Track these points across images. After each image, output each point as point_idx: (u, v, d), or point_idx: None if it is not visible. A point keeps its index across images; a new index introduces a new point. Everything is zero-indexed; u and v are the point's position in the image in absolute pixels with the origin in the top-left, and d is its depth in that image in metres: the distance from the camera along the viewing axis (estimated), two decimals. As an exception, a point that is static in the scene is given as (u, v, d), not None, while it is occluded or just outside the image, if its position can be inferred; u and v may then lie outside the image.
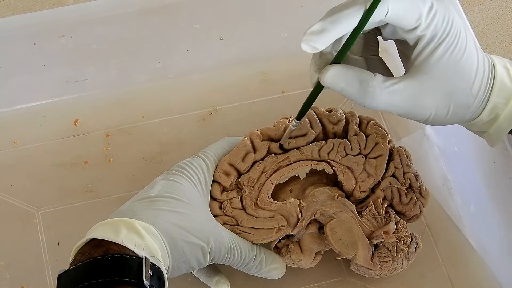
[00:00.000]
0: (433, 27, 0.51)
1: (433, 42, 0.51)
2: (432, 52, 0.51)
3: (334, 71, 0.52)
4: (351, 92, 0.52)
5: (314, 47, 0.50)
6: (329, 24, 0.50)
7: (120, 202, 0.58)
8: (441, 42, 0.51)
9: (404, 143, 0.67)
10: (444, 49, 0.51)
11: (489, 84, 0.54)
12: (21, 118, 0.72)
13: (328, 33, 0.50)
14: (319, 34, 0.50)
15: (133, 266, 0.48)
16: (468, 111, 0.54)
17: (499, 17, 0.83)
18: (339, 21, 0.50)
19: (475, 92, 0.53)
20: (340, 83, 0.52)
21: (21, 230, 0.66)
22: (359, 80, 0.52)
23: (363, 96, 0.52)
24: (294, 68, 0.76)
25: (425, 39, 0.51)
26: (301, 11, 0.76)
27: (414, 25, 0.51)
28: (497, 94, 0.54)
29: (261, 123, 0.65)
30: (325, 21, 0.50)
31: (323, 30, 0.50)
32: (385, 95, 0.52)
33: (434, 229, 0.68)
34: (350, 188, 0.62)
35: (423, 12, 0.50)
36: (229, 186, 0.61)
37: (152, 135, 0.72)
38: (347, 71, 0.52)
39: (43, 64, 0.72)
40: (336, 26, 0.50)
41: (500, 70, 0.54)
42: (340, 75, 0.52)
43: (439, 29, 0.51)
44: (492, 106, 0.54)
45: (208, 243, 0.56)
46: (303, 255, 0.61)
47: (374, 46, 0.57)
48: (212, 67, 0.76)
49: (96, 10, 0.71)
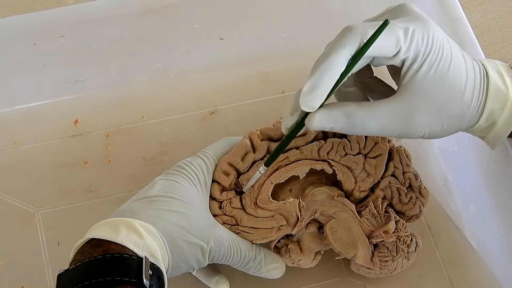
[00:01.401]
0: (414, 47, 0.52)
1: (417, 61, 0.52)
2: (417, 71, 0.52)
3: (319, 115, 0.53)
4: (341, 127, 0.54)
5: (312, 106, 0.52)
6: (316, 80, 0.51)
7: (120, 202, 0.58)
8: (425, 59, 0.52)
9: (404, 143, 0.66)
10: (429, 66, 0.52)
11: (482, 90, 0.54)
12: (21, 118, 0.72)
13: (319, 89, 0.51)
14: (312, 93, 0.51)
15: (133, 265, 0.48)
16: (464, 120, 0.54)
17: (499, 17, 0.83)
18: (325, 75, 0.51)
19: (468, 101, 0.53)
20: (328, 124, 0.53)
21: (21, 230, 0.66)
22: (345, 115, 0.53)
23: (353, 128, 0.53)
24: (294, 68, 0.76)
25: (409, 60, 0.52)
26: (301, 11, 0.76)
27: (395, 51, 0.52)
28: (492, 100, 0.54)
29: (261, 123, 0.65)
30: (312, 79, 0.51)
31: (314, 88, 0.51)
32: (373, 122, 0.53)
33: (434, 229, 0.68)
34: (350, 188, 0.62)
35: (400, 36, 0.51)
36: (229, 185, 0.61)
37: (152, 135, 0.72)
38: (331, 112, 0.53)
39: (43, 64, 0.72)
40: (323, 80, 0.51)
41: (493, 75, 0.54)
42: (326, 117, 0.53)
43: (420, 48, 0.52)
44: (488, 112, 0.54)
45: (207, 242, 0.56)
46: (303, 254, 0.61)
47: (367, 69, 0.58)
48: (212, 67, 0.76)
49: (96, 10, 0.71)
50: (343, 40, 0.51)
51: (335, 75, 0.51)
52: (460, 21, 0.68)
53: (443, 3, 0.70)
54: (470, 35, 0.67)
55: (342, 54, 0.51)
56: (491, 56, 0.57)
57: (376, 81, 0.58)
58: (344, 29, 0.52)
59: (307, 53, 0.75)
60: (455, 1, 0.70)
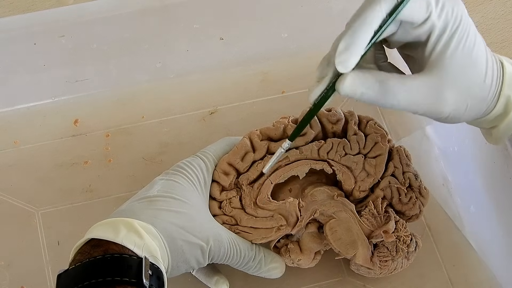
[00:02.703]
0: (444, 17, 0.51)
1: (446, 33, 0.51)
2: (446, 45, 0.51)
3: (352, 77, 0.51)
4: (372, 95, 0.51)
5: (348, 66, 0.50)
6: (351, 38, 0.50)
7: (120, 202, 0.58)
8: (453, 33, 0.51)
9: (404, 143, 0.67)
10: (457, 41, 0.51)
11: (499, 76, 0.53)
12: (21, 118, 0.72)
13: (354, 47, 0.50)
14: (347, 52, 0.50)
15: (133, 265, 0.48)
16: (484, 104, 0.54)
17: (499, 17, 0.83)
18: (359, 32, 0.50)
19: (489, 84, 0.53)
20: (359, 89, 0.51)
21: (21, 230, 0.66)
22: (378, 81, 0.51)
23: (384, 96, 0.52)
24: (294, 68, 0.76)
25: (437, 31, 0.51)
26: (301, 11, 0.76)
27: (425, 15, 0.51)
28: (508, 87, 0.53)
29: (261, 123, 0.65)
30: (346, 36, 0.50)
31: (349, 46, 0.50)
32: (406, 91, 0.51)
33: (434, 229, 0.68)
34: (350, 188, 0.62)
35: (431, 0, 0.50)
36: (228, 185, 0.61)
37: (152, 135, 0.72)
38: (364, 75, 0.51)
39: (43, 64, 0.72)
40: (358, 37, 0.50)
41: (507, 64, 0.54)
42: (358, 81, 0.51)
43: (449, 19, 0.51)
44: (505, 98, 0.54)
45: (207, 242, 0.56)
46: (303, 254, 0.61)
47: (382, 53, 0.57)
48: (212, 67, 0.76)
49: (96, 10, 0.71)
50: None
51: (369, 32, 0.50)
52: (460, 21, 0.68)
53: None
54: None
55: (377, 10, 0.50)
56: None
57: (390, 66, 0.57)
58: None
59: (307, 53, 0.75)
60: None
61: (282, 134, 0.63)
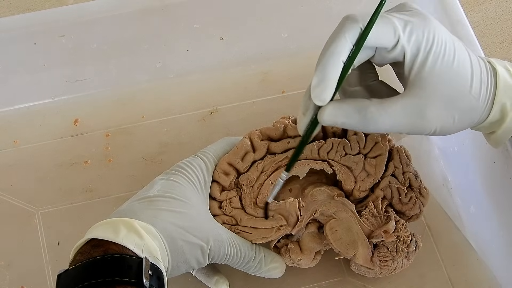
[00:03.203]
0: (414, 40, 0.52)
1: (420, 55, 0.52)
2: (422, 65, 0.52)
3: (331, 109, 0.52)
4: (353, 123, 0.53)
5: (323, 99, 0.51)
6: (322, 72, 0.51)
7: (120, 202, 0.58)
8: (428, 54, 0.52)
9: (404, 143, 0.66)
10: (433, 60, 0.52)
11: (490, 84, 0.54)
12: (21, 118, 0.72)
13: (326, 80, 0.51)
14: (320, 86, 0.51)
15: (133, 266, 0.48)
16: (476, 114, 0.54)
17: (499, 17, 0.83)
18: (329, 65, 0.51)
19: (476, 94, 0.53)
20: (339, 119, 0.53)
21: (21, 230, 0.66)
22: (357, 110, 0.53)
23: (365, 124, 0.53)
24: (294, 68, 0.76)
25: (409, 53, 0.52)
26: (301, 11, 0.76)
27: (394, 41, 0.52)
28: (502, 94, 0.54)
29: (261, 123, 0.65)
30: (317, 72, 0.51)
31: (321, 81, 0.51)
32: (386, 117, 0.53)
33: (434, 229, 0.68)
34: (350, 188, 0.62)
35: (397, 25, 0.51)
36: (229, 185, 0.61)
37: (152, 135, 0.72)
38: (343, 105, 0.53)
39: (43, 64, 0.72)
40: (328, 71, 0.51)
41: (501, 71, 0.54)
42: (337, 111, 0.52)
43: (421, 41, 0.52)
44: (499, 106, 0.54)
45: (207, 242, 0.56)
46: (303, 254, 0.61)
47: (372, 73, 0.58)
48: (212, 67, 0.76)
49: (96, 10, 0.70)
50: (342, 29, 0.51)
51: (339, 64, 0.51)
52: (460, 21, 0.68)
53: (443, 3, 0.70)
54: (470, 35, 0.67)
55: (342, 42, 0.51)
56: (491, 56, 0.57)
57: (381, 84, 0.58)
58: (343, 19, 0.52)
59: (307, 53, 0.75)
60: (455, 1, 0.70)
61: (282, 134, 0.63)
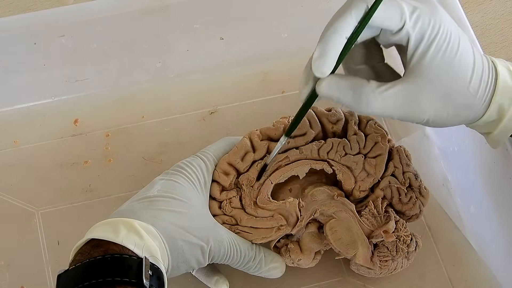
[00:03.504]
0: (419, 26, 0.52)
1: (423, 42, 0.52)
2: (424, 53, 0.52)
3: (328, 81, 0.53)
4: (346, 100, 0.53)
5: (324, 72, 0.52)
6: (324, 45, 0.51)
7: (120, 202, 0.58)
8: (431, 42, 0.52)
9: (404, 143, 0.67)
10: (436, 50, 0.52)
11: (490, 83, 0.54)
12: (21, 118, 0.72)
13: (328, 54, 0.51)
14: (321, 59, 0.51)
15: (133, 266, 0.48)
16: (471, 111, 0.54)
17: (499, 17, 0.83)
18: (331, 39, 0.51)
19: (474, 91, 0.53)
20: (335, 93, 0.53)
21: (21, 230, 0.66)
22: (352, 88, 0.53)
23: (358, 103, 0.53)
24: (294, 68, 0.75)
25: (413, 40, 0.52)
26: (301, 11, 0.76)
27: (399, 24, 0.52)
28: (501, 95, 0.54)
29: (261, 123, 0.65)
30: (320, 44, 0.52)
31: (322, 54, 0.51)
32: (379, 101, 0.53)
33: (434, 229, 0.68)
34: (350, 188, 0.62)
35: (404, 9, 0.51)
36: (229, 185, 0.61)
37: (152, 135, 0.72)
38: (340, 80, 0.53)
39: (43, 64, 0.72)
40: (331, 45, 0.51)
41: (502, 71, 0.54)
42: (334, 85, 0.53)
43: (426, 29, 0.52)
44: (496, 106, 0.54)
45: (207, 242, 0.56)
46: (303, 254, 0.61)
47: (378, 54, 0.58)
48: (212, 67, 0.76)
49: (96, 10, 0.70)
50: (350, 6, 0.51)
51: (341, 39, 0.51)
52: (460, 21, 0.68)
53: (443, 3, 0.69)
54: (470, 35, 0.67)
55: (348, 19, 0.51)
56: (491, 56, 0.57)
57: (386, 67, 0.58)
58: None
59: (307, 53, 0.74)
60: (455, 1, 0.70)
61: (282, 134, 0.63)
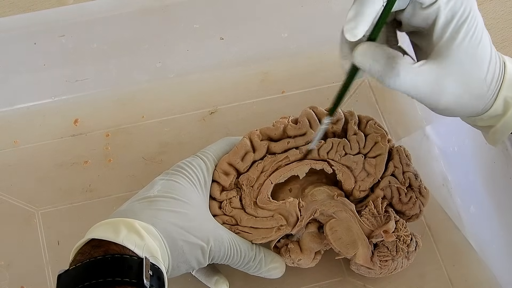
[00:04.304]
0: (451, 5, 0.51)
1: (453, 23, 0.51)
2: (454, 35, 0.51)
3: (364, 47, 0.52)
4: (378, 68, 0.52)
5: (355, 34, 0.50)
6: (360, 6, 0.50)
7: (120, 202, 0.58)
8: (461, 25, 0.51)
9: (404, 143, 0.67)
10: (465, 33, 0.51)
11: (500, 76, 0.54)
12: (21, 118, 0.72)
13: (361, 15, 0.50)
14: (354, 20, 0.50)
15: (133, 266, 0.48)
16: (482, 102, 0.54)
17: (499, 17, 0.83)
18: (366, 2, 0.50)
19: (489, 82, 0.53)
20: (368, 60, 0.52)
21: (21, 230, 0.66)
22: (387, 57, 0.52)
23: (389, 73, 0.52)
24: (294, 68, 0.76)
25: (443, 18, 0.51)
26: (301, 11, 0.76)
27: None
28: (507, 88, 0.54)
29: (261, 123, 0.65)
30: (354, 5, 0.50)
31: (356, 15, 0.50)
32: (409, 75, 0.52)
33: (434, 229, 0.68)
34: (350, 187, 0.62)
35: None
36: (229, 185, 0.61)
37: (152, 135, 0.72)
38: (376, 47, 0.52)
39: (43, 64, 0.72)
40: (365, 6, 0.50)
41: (509, 65, 0.54)
42: (369, 51, 0.52)
43: (457, 10, 0.51)
44: (502, 99, 0.54)
45: (207, 242, 0.56)
46: (303, 254, 0.61)
47: (394, 37, 0.57)
48: (212, 67, 0.76)
49: (96, 10, 0.70)
50: None
51: (377, 2, 0.50)
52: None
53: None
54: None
55: None
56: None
57: (400, 50, 0.57)
58: None
59: (307, 53, 0.75)
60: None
61: (282, 134, 0.63)
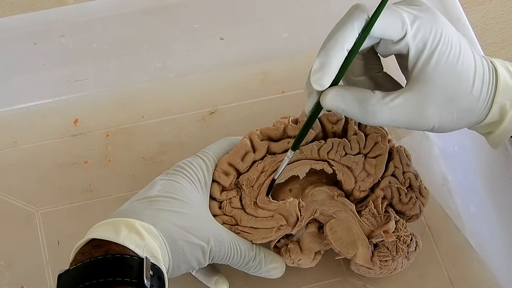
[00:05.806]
0: (421, 35, 0.51)
1: (425, 51, 0.52)
2: (428, 61, 0.52)
3: (333, 93, 0.52)
4: (352, 112, 0.53)
5: (322, 84, 0.51)
6: (324, 58, 0.51)
7: (120, 202, 0.58)
8: (433, 51, 0.52)
9: (404, 143, 0.67)
10: (438, 58, 0.52)
11: (491, 85, 0.54)
12: (21, 118, 0.72)
13: (327, 66, 0.51)
14: (321, 71, 0.51)
15: (134, 266, 0.48)
16: (474, 114, 0.54)
17: (499, 17, 0.83)
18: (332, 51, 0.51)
19: (477, 95, 0.53)
20: (340, 105, 0.53)
21: (21, 230, 0.66)
22: (358, 100, 0.52)
23: (364, 115, 0.53)
24: (294, 68, 0.76)
25: (416, 48, 0.52)
26: (301, 11, 0.76)
27: (401, 34, 0.51)
28: (502, 95, 0.54)
29: (261, 123, 0.65)
30: (320, 56, 0.51)
31: (322, 66, 0.51)
32: (386, 111, 0.52)
33: (434, 229, 0.68)
34: (350, 188, 0.62)
35: (405, 19, 0.51)
36: (229, 185, 0.61)
37: (152, 135, 0.72)
38: (345, 92, 0.53)
39: (43, 64, 0.72)
40: (331, 57, 0.51)
41: (502, 72, 0.54)
42: (339, 97, 0.52)
43: (427, 37, 0.52)
44: (498, 107, 0.54)
45: (208, 242, 0.56)
46: (303, 254, 0.61)
47: (377, 64, 0.58)
48: (212, 67, 0.76)
49: (96, 10, 0.71)
50: (350, 17, 0.51)
51: (342, 51, 0.51)
52: (460, 21, 0.68)
53: (443, 3, 0.70)
54: (470, 35, 0.67)
55: (349, 30, 0.51)
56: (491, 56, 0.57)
57: (385, 77, 0.58)
58: (352, 7, 0.52)
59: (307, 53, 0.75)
60: (455, 1, 0.70)
61: (282, 134, 0.63)
